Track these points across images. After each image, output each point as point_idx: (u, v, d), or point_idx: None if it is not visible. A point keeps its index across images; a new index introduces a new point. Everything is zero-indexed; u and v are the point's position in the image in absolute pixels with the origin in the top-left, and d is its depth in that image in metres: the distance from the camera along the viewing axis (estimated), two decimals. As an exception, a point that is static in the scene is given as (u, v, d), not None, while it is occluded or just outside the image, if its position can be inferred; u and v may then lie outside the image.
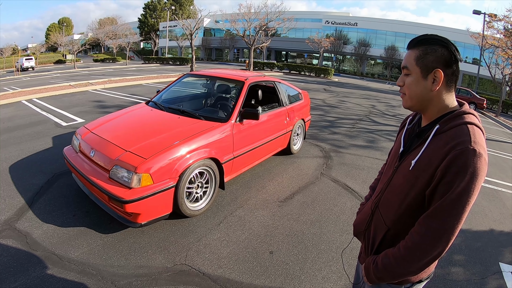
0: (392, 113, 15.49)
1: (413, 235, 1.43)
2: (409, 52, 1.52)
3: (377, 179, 2.06)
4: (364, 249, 1.83)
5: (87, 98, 13.10)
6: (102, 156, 3.91)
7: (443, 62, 1.43)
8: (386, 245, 1.62)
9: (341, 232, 4.18)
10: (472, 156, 1.29)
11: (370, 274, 1.59)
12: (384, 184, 1.70)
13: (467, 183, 1.29)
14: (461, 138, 1.34)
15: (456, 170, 1.30)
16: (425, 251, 1.38)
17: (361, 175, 6.26)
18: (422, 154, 1.45)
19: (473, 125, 1.39)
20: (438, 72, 1.43)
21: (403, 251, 1.44)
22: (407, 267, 1.44)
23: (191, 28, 30.02)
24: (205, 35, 72.52)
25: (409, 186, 1.48)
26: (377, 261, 1.56)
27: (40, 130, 7.79)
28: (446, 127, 1.42)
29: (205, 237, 3.82)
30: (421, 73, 1.46)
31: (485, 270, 3.82)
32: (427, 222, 1.38)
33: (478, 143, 1.32)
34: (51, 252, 3.34)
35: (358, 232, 1.89)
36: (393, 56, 54.38)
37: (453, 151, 1.31)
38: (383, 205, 1.66)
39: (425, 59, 1.45)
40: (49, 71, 39.89)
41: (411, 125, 1.74)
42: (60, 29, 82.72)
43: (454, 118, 1.43)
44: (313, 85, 27.08)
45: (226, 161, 4.55)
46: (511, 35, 22.74)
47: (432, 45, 1.45)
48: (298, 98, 7.25)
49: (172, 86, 6.29)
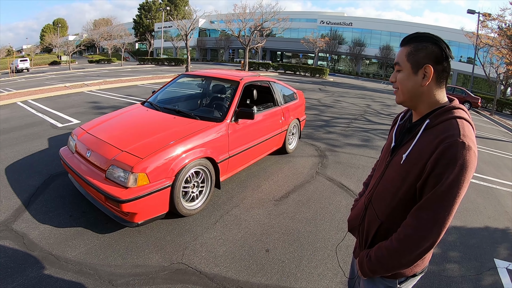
0: (387, 112, 15.55)
1: (405, 227, 1.46)
2: (401, 49, 1.57)
3: (370, 176, 2.10)
4: (358, 243, 1.86)
5: (83, 99, 13.07)
6: (98, 156, 3.92)
7: (433, 58, 1.47)
8: (379, 238, 1.64)
9: (336, 230, 4.21)
10: (461, 149, 1.32)
11: (364, 267, 1.62)
12: (377, 179, 1.74)
13: (457, 175, 1.32)
14: (450, 131, 1.37)
15: (445, 162, 1.33)
16: (416, 242, 1.41)
17: (356, 174, 6.30)
18: (412, 148, 1.49)
19: (462, 119, 1.42)
20: (428, 67, 1.46)
21: (395, 243, 1.47)
22: (399, 259, 1.47)
23: (186, 28, 30.03)
24: (200, 35, 72.43)
25: (401, 179, 1.52)
26: (370, 254, 1.59)
27: (35, 131, 7.77)
28: (436, 121, 1.46)
29: (202, 236, 3.84)
30: (411, 69, 1.50)
31: (480, 266, 3.86)
32: (418, 214, 1.41)
33: (467, 136, 1.35)
34: (48, 252, 3.36)
35: (352, 227, 1.91)
36: (388, 55, 54.53)
37: (443, 144, 1.35)
38: (376, 199, 1.69)
39: (415, 55, 1.49)
40: (44, 72, 39.75)
41: (402, 121, 1.78)
42: (55, 30, 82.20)
43: (444, 112, 1.47)
44: (308, 85, 27.12)
45: (222, 160, 4.57)
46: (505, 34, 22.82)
47: (423, 42, 1.49)
48: (293, 97, 7.28)
49: (167, 86, 6.31)
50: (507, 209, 5.70)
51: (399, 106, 17.44)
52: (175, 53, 67.81)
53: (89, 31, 77.36)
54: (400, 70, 1.55)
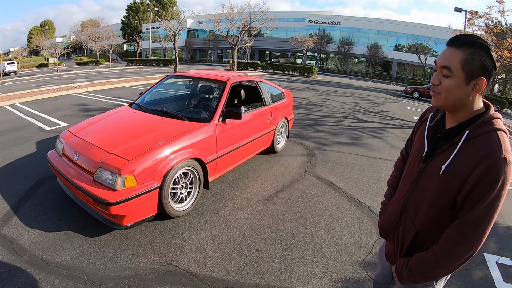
0: (375, 110, 15.65)
1: (448, 241, 1.49)
2: (451, 50, 1.45)
3: (394, 176, 2.08)
4: (393, 249, 1.87)
5: (71, 101, 12.99)
6: (86, 159, 3.91)
7: (485, 70, 1.40)
8: (415, 246, 1.68)
9: (326, 228, 4.25)
10: (504, 165, 1.35)
11: (403, 277, 1.65)
12: (410, 185, 1.73)
13: (499, 190, 1.36)
14: (493, 147, 1.39)
15: (489, 179, 1.36)
16: (460, 255, 1.46)
17: (345, 172, 6.35)
18: (453, 159, 1.47)
19: (502, 131, 1.44)
20: (481, 80, 1.40)
21: (438, 256, 1.51)
22: (442, 270, 1.52)
23: (174, 29, 29.94)
24: (188, 36, 72.19)
25: (439, 190, 1.53)
26: (410, 265, 1.62)
27: (23, 135, 7.71)
28: (476, 133, 1.44)
29: (191, 237, 3.85)
30: (465, 79, 1.41)
31: (470, 261, 3.90)
32: (462, 229, 1.44)
33: (508, 150, 1.38)
34: (37, 257, 3.34)
35: (386, 233, 1.92)
36: (376, 54, 54.89)
37: (486, 161, 1.36)
38: (411, 208, 1.70)
39: (471, 64, 1.39)
40: (32, 75, 39.29)
41: (433, 123, 1.72)
42: (42, 32, 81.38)
43: (484, 124, 1.45)
44: (297, 84, 27.17)
45: (210, 161, 4.58)
46: (492, 31, 23.09)
47: (478, 50, 1.39)
48: (281, 97, 7.31)
49: (155, 87, 6.30)
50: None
51: (387, 104, 17.52)
52: (163, 54, 67.45)
53: (77, 33, 76.76)
54: (449, 76, 1.44)
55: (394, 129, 11.40)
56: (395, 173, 2.08)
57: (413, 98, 26.41)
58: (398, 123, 12.84)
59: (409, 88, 28.30)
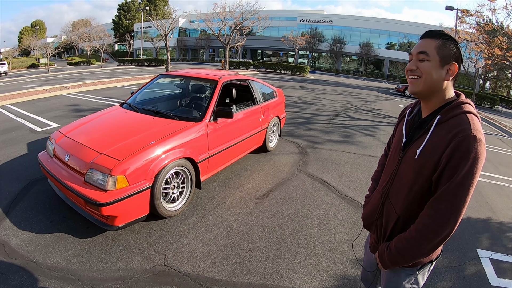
0: (367, 108, 15.73)
1: (423, 218, 1.55)
2: (426, 40, 1.60)
3: (377, 171, 2.19)
4: (376, 238, 1.93)
5: (62, 102, 12.88)
6: (77, 160, 3.88)
7: (456, 57, 1.56)
8: (397, 231, 1.73)
9: (318, 226, 4.26)
10: (473, 142, 1.42)
11: (385, 260, 1.70)
12: (391, 174, 1.80)
13: (470, 166, 1.42)
14: (462, 126, 1.47)
15: (459, 155, 1.43)
16: (435, 232, 1.50)
17: (337, 170, 6.37)
18: (426, 143, 1.57)
19: (471, 114, 1.52)
20: (454, 65, 1.55)
21: (414, 233, 1.56)
22: (419, 248, 1.56)
23: (166, 28, 29.88)
24: (180, 35, 71.97)
25: (416, 173, 1.60)
26: (390, 246, 1.68)
27: (14, 136, 7.64)
28: (447, 117, 1.54)
29: (184, 237, 3.84)
30: (440, 62, 1.55)
31: (463, 256, 3.96)
32: (435, 205, 1.50)
33: (477, 129, 1.45)
34: (29, 259, 3.31)
35: (369, 223, 1.99)
36: (368, 52, 55.11)
37: (456, 138, 1.44)
38: (392, 194, 1.77)
39: (444, 50, 1.54)
40: (23, 76, 38.94)
41: (411, 117, 1.84)
42: (33, 32, 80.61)
43: (454, 108, 1.56)
44: (289, 82, 27.22)
45: (202, 160, 4.57)
46: (483, 29, 23.26)
47: (449, 41, 1.56)
48: (273, 95, 7.31)
49: (146, 87, 6.27)
50: (487, 200, 5.87)
51: (379, 102, 17.61)
52: (155, 54, 67.14)
53: (68, 33, 76.31)
54: (426, 60, 1.57)
55: (386, 126, 11.47)
56: (379, 168, 2.20)
57: (405, 96, 26.60)
58: (390, 120, 12.91)
59: (401, 86, 28.52)
